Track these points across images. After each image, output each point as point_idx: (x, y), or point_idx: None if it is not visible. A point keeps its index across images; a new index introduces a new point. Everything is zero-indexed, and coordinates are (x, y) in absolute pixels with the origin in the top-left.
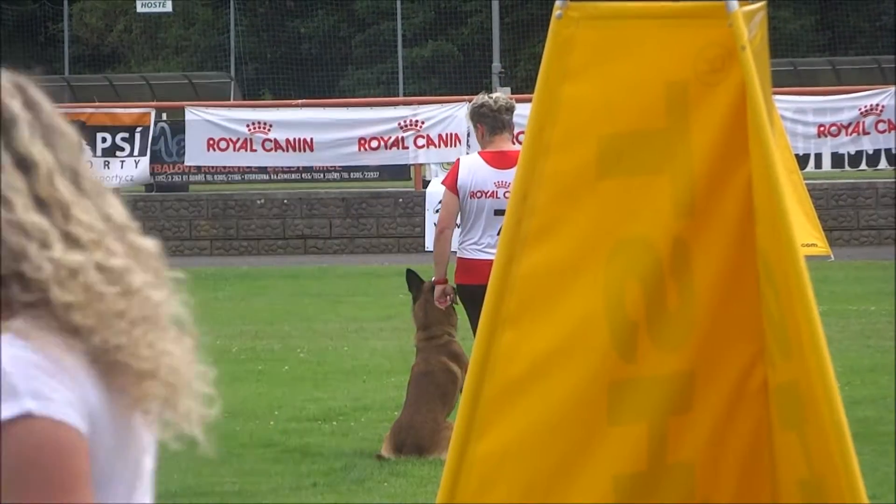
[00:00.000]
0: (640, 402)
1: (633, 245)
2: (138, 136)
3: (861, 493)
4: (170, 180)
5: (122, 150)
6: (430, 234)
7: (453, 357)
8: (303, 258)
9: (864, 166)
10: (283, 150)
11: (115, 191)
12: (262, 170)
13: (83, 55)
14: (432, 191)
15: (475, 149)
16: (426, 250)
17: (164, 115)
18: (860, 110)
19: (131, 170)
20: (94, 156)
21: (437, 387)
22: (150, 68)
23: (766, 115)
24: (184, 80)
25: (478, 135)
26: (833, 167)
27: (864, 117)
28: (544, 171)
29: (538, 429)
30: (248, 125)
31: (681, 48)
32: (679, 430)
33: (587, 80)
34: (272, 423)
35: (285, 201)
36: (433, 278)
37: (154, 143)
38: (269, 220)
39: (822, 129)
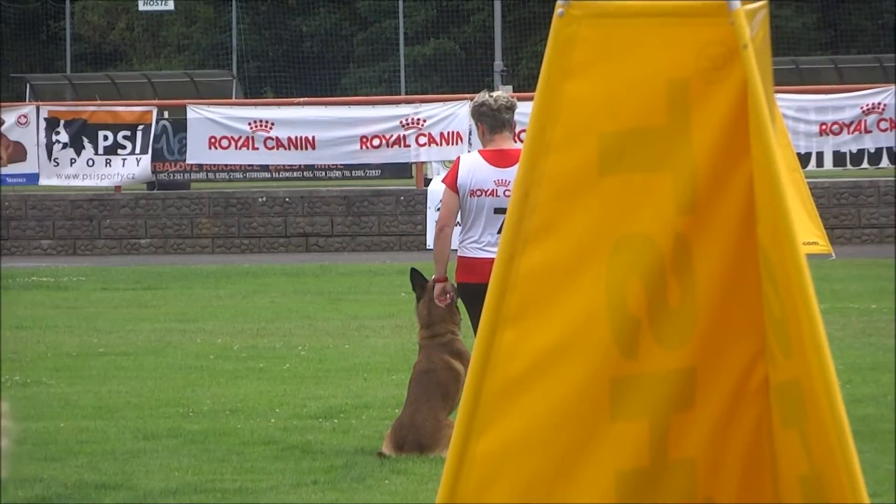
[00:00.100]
0: (641, 398)
1: (634, 242)
2: (140, 134)
3: (862, 491)
4: (171, 178)
5: (124, 148)
6: (431, 232)
7: (456, 355)
8: (304, 256)
9: (865, 165)
10: (285, 148)
11: (117, 189)
12: (264, 168)
13: (85, 53)
14: (434, 189)
15: (477, 147)
16: (427, 248)
17: (166, 114)
18: (862, 109)
19: (133, 168)
20: (96, 154)
21: (438, 385)
22: (152, 66)
23: (767, 114)
24: (185, 78)
25: (479, 133)
26: (835, 165)
27: (866, 116)
28: (546, 169)
29: (539, 426)
30: (249, 123)
31: (682, 46)
32: (681, 427)
33: (589, 78)
34: (273, 420)
35: (287, 199)
36: (433, 276)
37: (156, 141)
38: (270, 217)
39: (823, 127)
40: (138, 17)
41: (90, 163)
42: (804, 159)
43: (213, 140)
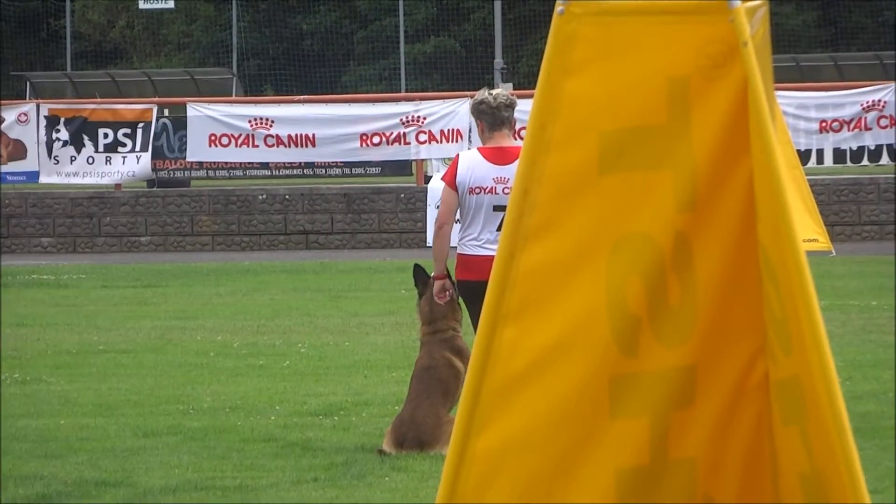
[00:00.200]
0: (641, 396)
1: (634, 240)
2: (140, 132)
3: (862, 488)
4: (171, 176)
5: (124, 145)
6: (430, 229)
7: (457, 352)
8: (304, 253)
9: (865, 162)
10: (285, 146)
11: (118, 186)
12: (264, 165)
13: (85, 51)
14: (434, 186)
15: (477, 144)
16: (427, 246)
17: (166, 111)
18: (862, 106)
19: (133, 165)
20: (96, 151)
21: (439, 381)
22: (152, 64)
23: (767, 111)
24: (186, 76)
25: (478, 131)
26: (835, 163)
27: (866, 113)
28: (545, 167)
29: (539, 424)
30: (249, 121)
31: (682, 44)
32: (681, 425)
33: (589, 76)
34: (273, 417)
35: (287, 197)
36: (433, 274)
37: (156, 138)
38: (270, 215)
39: (823, 124)
40: (138, 15)
41: (90, 160)
42: (804, 156)
43: (213, 138)
